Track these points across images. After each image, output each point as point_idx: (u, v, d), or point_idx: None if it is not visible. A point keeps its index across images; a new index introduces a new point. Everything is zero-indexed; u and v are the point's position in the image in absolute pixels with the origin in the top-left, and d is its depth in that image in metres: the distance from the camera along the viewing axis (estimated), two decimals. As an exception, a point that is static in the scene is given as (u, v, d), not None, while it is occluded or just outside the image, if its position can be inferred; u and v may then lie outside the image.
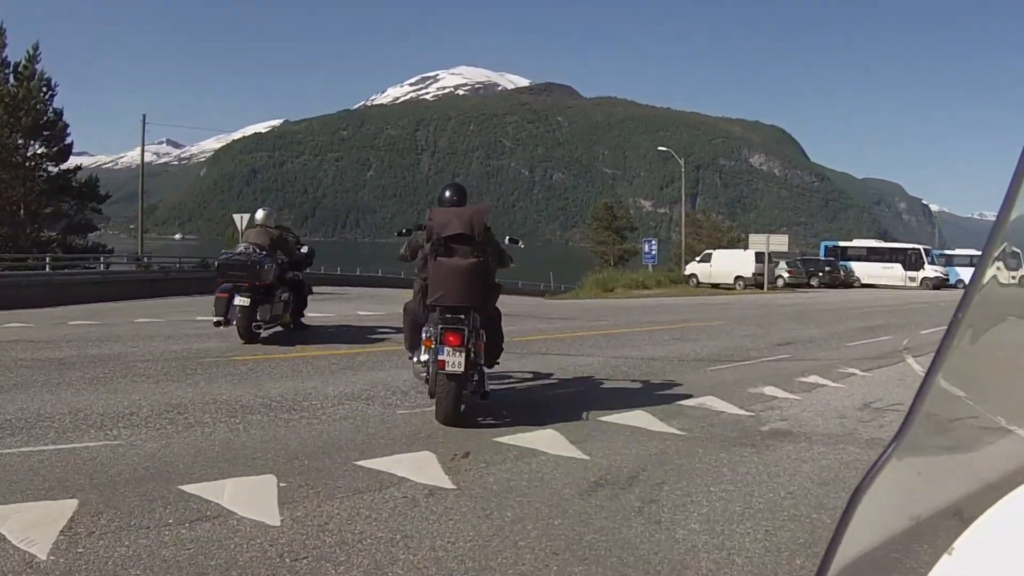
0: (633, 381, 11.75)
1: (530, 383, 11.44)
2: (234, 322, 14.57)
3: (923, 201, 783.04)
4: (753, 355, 15.48)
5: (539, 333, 18.37)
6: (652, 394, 10.63)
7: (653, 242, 61.93)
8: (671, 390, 10.99)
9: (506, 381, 11.27)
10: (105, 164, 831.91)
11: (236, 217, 50.43)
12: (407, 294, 11.17)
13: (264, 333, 15.46)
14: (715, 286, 52.86)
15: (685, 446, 7.85)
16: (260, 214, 16.42)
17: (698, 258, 56.36)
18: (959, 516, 1.17)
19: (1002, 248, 1.19)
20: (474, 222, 8.50)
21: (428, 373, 8.80)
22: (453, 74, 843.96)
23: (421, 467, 6.69)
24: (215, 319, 14.68)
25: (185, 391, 9.87)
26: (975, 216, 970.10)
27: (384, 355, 13.72)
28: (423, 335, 8.98)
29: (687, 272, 56.22)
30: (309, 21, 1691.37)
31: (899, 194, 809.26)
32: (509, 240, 10.66)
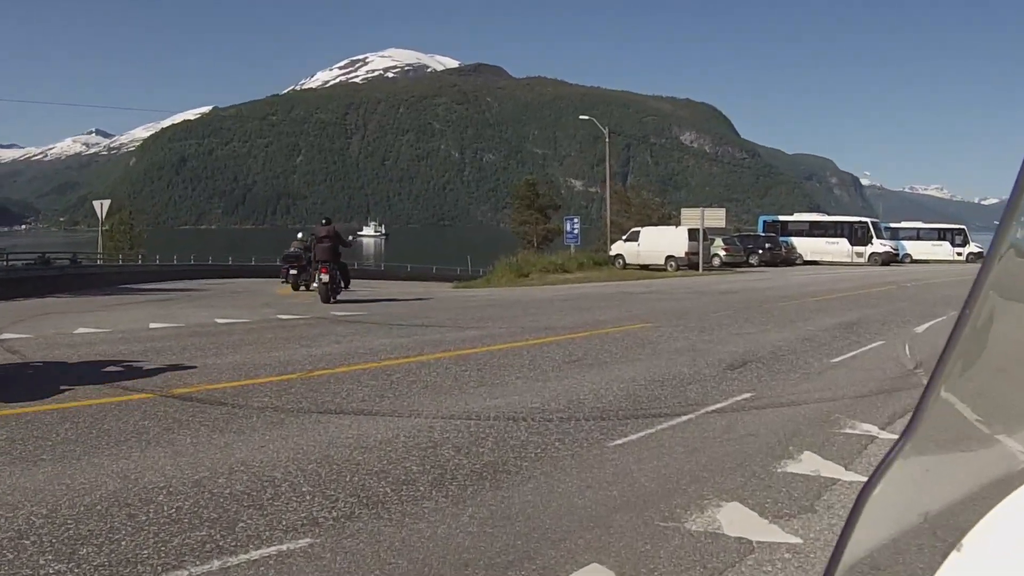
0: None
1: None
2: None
3: (854, 175, 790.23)
4: (692, 396, 9.56)
5: (343, 363, 12.26)
6: None
7: (575, 220, 55.86)
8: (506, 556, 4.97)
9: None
10: (34, 156, 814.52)
11: (96, 204, 52.46)
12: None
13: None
14: (644, 267, 47.28)
15: None
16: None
17: (624, 237, 50.44)
18: (968, 512, 1.16)
19: (1013, 237, 1.16)
20: (329, 232, 24.36)
21: (317, 284, 24.13)
22: (382, 56, 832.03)
23: None
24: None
25: None
26: (906, 190, 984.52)
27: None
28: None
29: (613, 253, 50.17)
30: (237, 4, 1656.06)
31: (830, 169, 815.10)
32: (350, 238, 28.43)
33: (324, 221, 25.19)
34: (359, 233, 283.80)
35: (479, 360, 12.19)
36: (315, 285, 25.35)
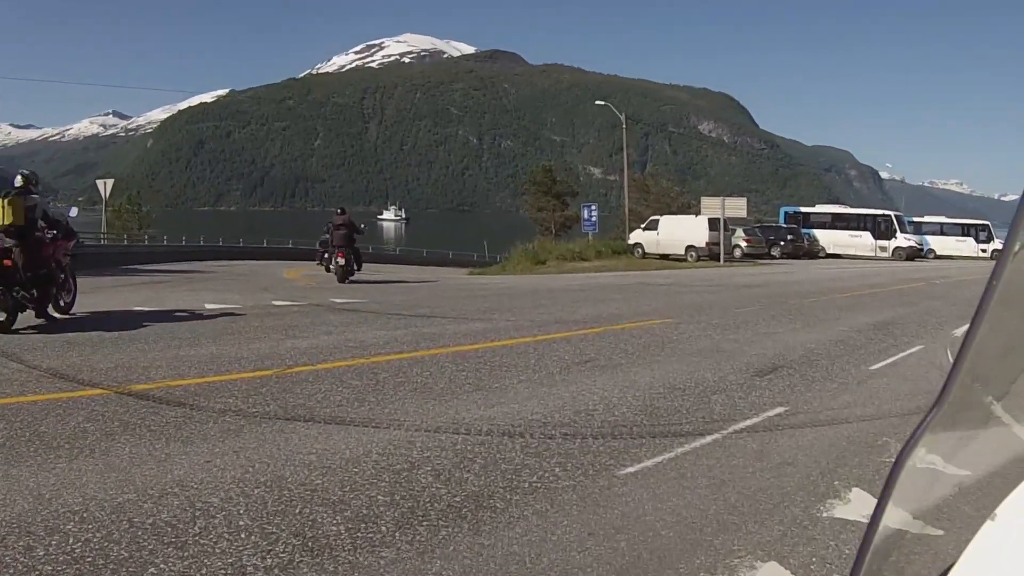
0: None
1: None
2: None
3: (873, 168, 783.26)
4: (718, 409, 8.33)
5: (327, 358, 11.12)
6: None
7: (593, 208, 54.38)
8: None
9: None
10: (52, 137, 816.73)
11: (99, 184, 50.39)
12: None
13: None
14: (663, 257, 45.83)
15: None
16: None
17: (643, 225, 49.06)
18: (1001, 482, 1.17)
19: None
20: (345, 220, 27.63)
21: (334, 266, 27.12)
22: (398, 42, 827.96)
23: None
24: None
25: None
26: (925, 184, 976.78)
27: None
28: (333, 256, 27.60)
29: (631, 241, 48.84)
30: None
31: (849, 161, 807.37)
32: (363, 225, 31.46)
33: (340, 211, 28.74)
34: (379, 217, 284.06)
35: (479, 358, 10.97)
36: (332, 267, 28.15)
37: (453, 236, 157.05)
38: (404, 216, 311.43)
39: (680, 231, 46.07)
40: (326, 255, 33.03)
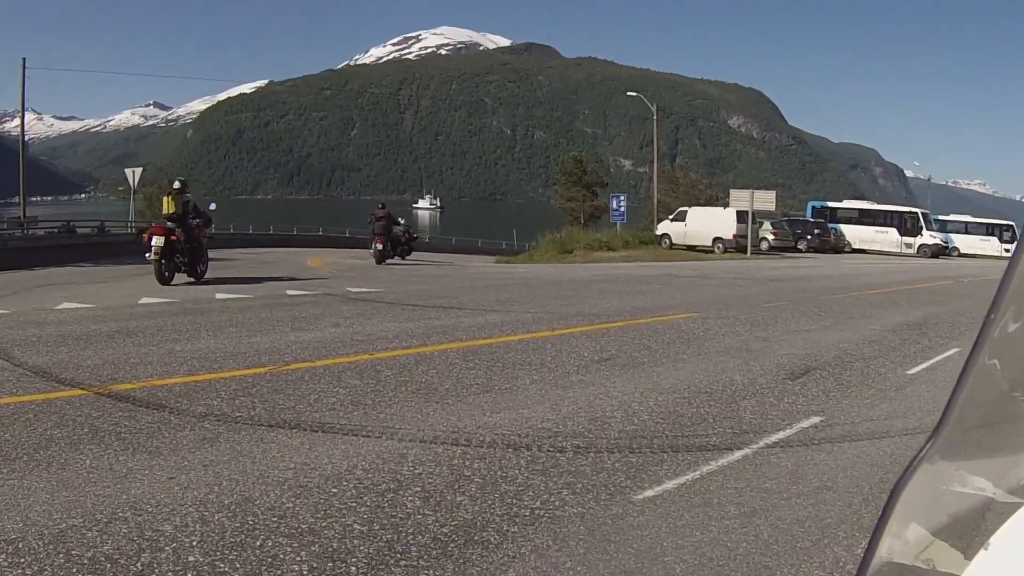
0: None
1: None
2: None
3: (898, 166, 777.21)
4: (747, 418, 7.62)
5: (330, 354, 10.51)
6: None
7: (622, 198, 53.86)
8: None
9: None
10: (94, 128, 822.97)
11: (128, 172, 52.53)
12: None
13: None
14: (690, 248, 45.36)
15: None
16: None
17: (671, 216, 48.43)
18: (996, 512, 1.20)
19: None
20: (384, 214, 33.23)
21: (374, 250, 32.91)
22: (435, 34, 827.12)
23: None
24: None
25: None
26: (949, 183, 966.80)
27: None
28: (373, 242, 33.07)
29: (659, 232, 48.22)
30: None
31: (875, 159, 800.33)
32: (400, 220, 36.26)
33: (381, 205, 34.52)
34: (415, 206, 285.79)
35: (491, 354, 10.26)
36: (372, 251, 33.64)
37: (485, 225, 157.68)
38: (439, 205, 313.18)
39: (708, 223, 45.55)
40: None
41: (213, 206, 23.90)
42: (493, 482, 5.52)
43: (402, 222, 36.18)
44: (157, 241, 21.35)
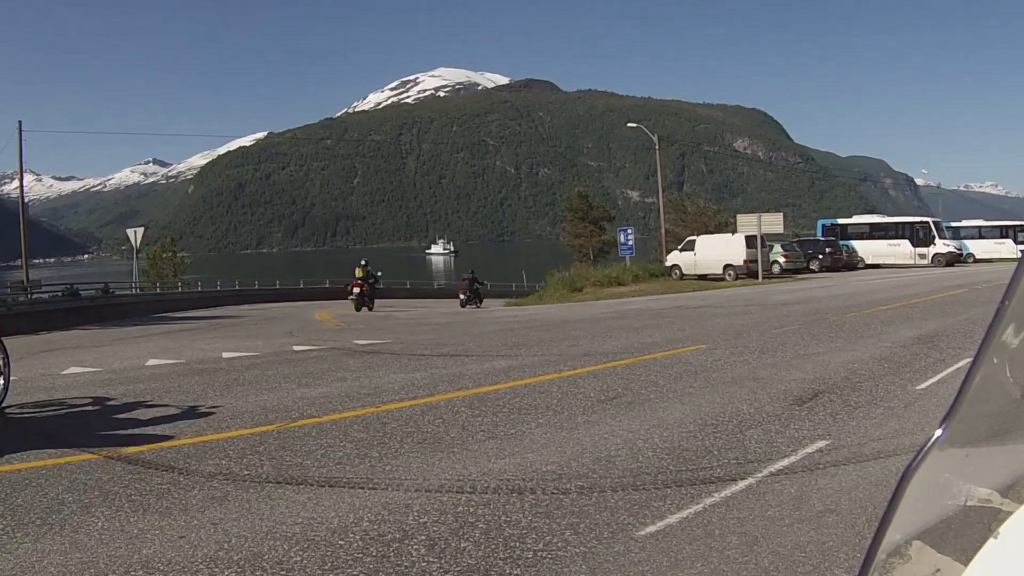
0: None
1: None
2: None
3: (908, 175, 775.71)
4: (752, 447, 7.62)
5: (336, 408, 10.58)
6: None
7: (629, 231, 53.87)
8: None
9: None
10: (94, 187, 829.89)
11: (130, 232, 52.23)
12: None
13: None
14: (702, 277, 45.10)
15: None
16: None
17: (680, 246, 48.36)
18: (1005, 500, 1.20)
19: None
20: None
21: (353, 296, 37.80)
22: (432, 76, 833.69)
23: None
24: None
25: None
26: (960, 187, 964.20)
27: None
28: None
29: (669, 263, 48.12)
30: (285, 32, 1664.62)
31: (884, 170, 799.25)
32: (379, 273, 41.33)
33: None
34: (428, 252, 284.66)
35: (497, 401, 10.29)
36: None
37: (495, 267, 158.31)
38: (453, 249, 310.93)
39: (717, 250, 45.36)
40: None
41: (380, 273, 40.63)
42: (497, 527, 5.56)
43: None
44: (356, 290, 36.48)
